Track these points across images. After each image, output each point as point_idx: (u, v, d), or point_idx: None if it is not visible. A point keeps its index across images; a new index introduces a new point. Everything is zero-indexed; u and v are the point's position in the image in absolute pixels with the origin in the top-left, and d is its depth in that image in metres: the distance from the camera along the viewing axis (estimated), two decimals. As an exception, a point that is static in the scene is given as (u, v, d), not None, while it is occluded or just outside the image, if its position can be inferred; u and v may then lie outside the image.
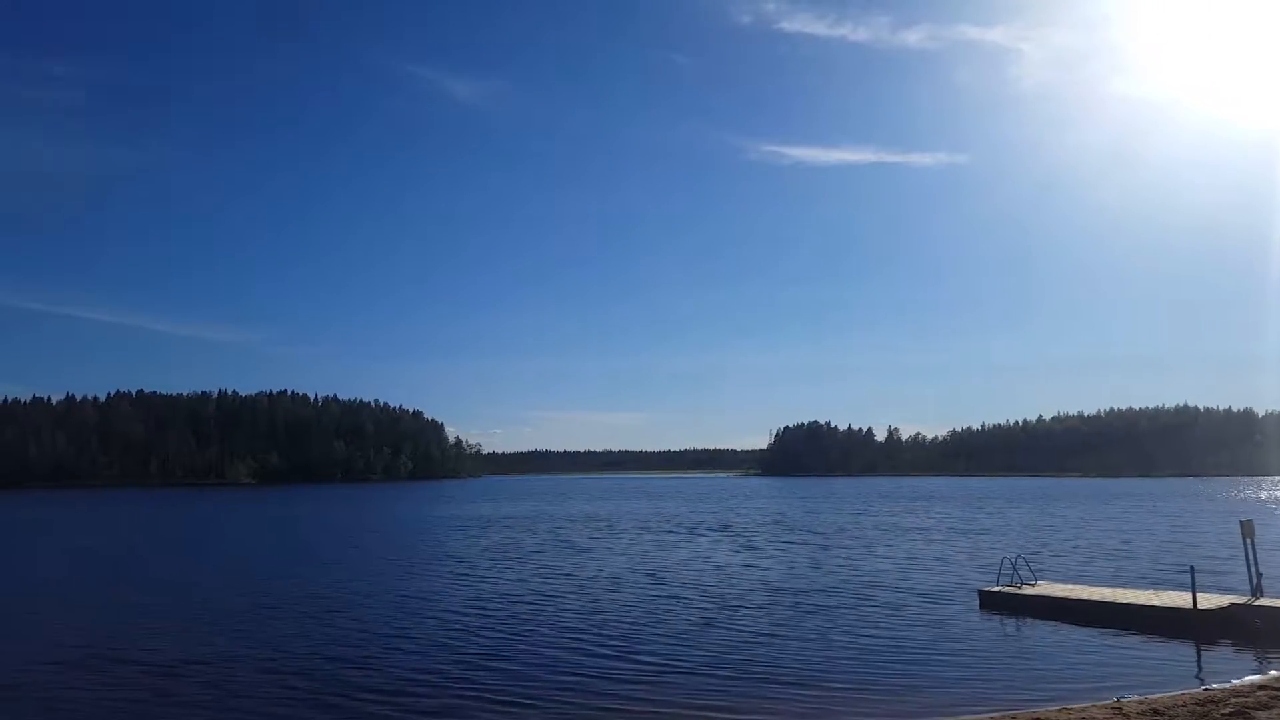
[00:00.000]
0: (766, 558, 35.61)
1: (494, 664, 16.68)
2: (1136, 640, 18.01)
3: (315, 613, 22.80)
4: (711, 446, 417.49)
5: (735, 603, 23.67)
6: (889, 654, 17.14)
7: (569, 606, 23.43)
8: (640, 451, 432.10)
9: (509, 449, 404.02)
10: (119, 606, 24.64)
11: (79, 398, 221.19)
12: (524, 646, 18.27)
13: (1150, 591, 22.02)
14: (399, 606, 23.74)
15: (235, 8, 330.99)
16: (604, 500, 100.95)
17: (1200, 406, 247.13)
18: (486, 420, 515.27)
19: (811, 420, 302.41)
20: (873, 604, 23.15)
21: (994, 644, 18.20)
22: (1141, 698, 13.01)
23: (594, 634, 19.48)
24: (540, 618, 21.71)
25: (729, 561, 34.23)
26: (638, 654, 17.36)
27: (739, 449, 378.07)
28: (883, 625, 20.15)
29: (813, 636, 18.92)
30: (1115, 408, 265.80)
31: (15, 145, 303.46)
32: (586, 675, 15.64)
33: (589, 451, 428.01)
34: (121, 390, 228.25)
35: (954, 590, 25.21)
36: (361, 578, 30.04)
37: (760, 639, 18.83)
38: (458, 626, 20.64)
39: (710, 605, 23.25)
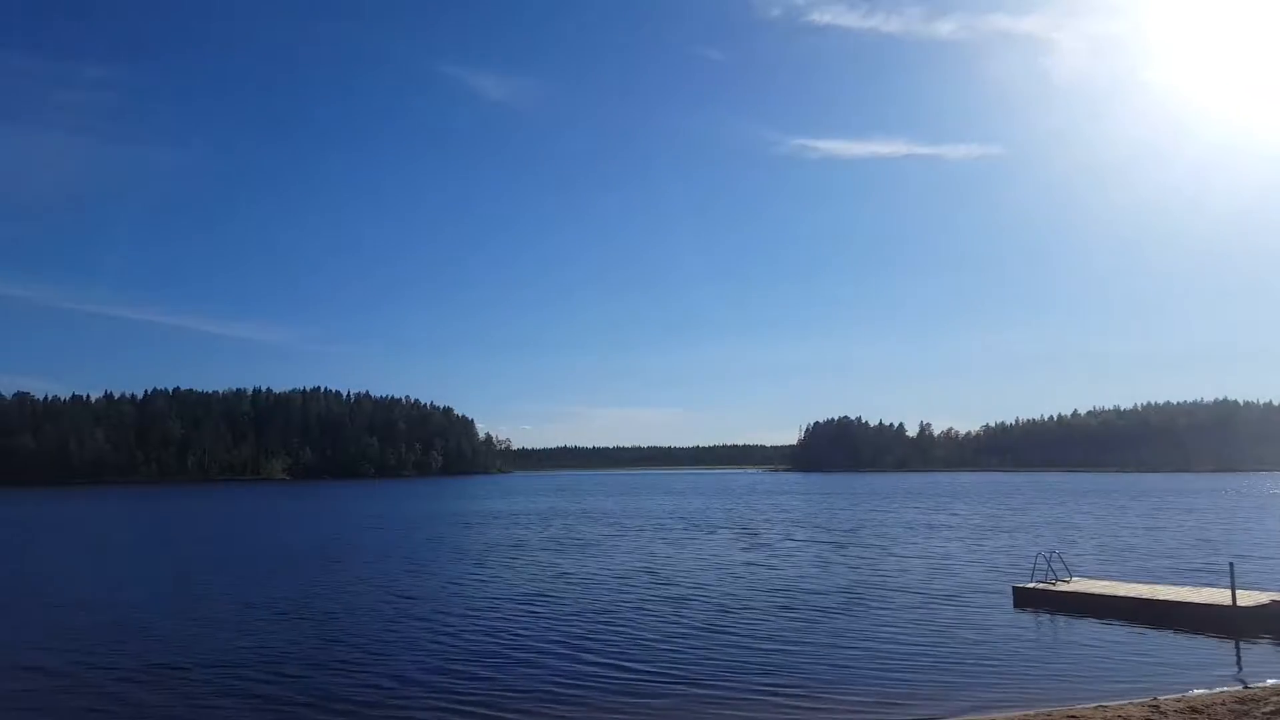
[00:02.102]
0: (792, 555, 35.37)
1: (479, 668, 16.10)
2: (1174, 637, 17.74)
3: (305, 612, 22.37)
4: (742, 442, 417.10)
5: (761, 602, 23.44)
6: (922, 651, 16.98)
7: (567, 608, 22.54)
8: (670, 447, 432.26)
9: (539, 445, 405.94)
10: (114, 605, 24.62)
11: (117, 396, 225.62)
12: (514, 651, 17.47)
13: (1188, 588, 21.65)
14: (393, 605, 23.21)
15: (266, 8, 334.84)
16: (624, 496, 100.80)
17: (1240, 400, 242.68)
18: (516, 416, 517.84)
19: (842, 415, 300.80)
20: (904, 601, 22.96)
21: (1028, 641, 18.01)
22: (1180, 696, 12.81)
23: (601, 638, 18.66)
24: (536, 620, 20.94)
25: (752, 560, 33.86)
26: (644, 660, 16.55)
27: (769, 444, 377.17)
28: (915, 622, 19.97)
29: (843, 634, 18.79)
30: (1152, 402, 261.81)
31: (50, 147, 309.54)
32: (593, 683, 14.96)
33: (618, 447, 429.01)
34: (158, 388, 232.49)
35: (987, 587, 24.96)
36: (362, 574, 29.90)
37: (789, 638, 18.76)
38: (447, 628, 19.95)
39: (731, 605, 22.94)
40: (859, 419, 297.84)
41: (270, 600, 24.47)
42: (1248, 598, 18.81)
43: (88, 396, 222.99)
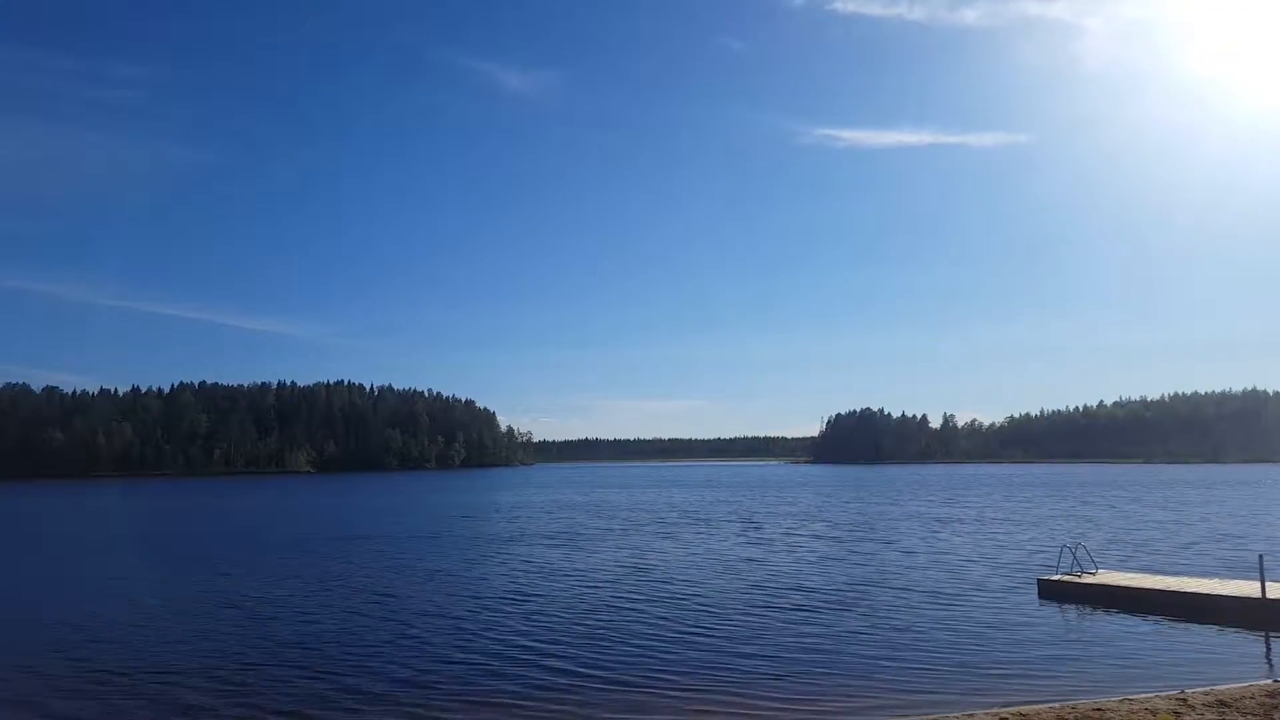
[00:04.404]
0: (807, 552, 35.16)
1: (474, 669, 15.60)
2: (1202, 630, 17.54)
3: (295, 610, 21.98)
4: (764, 434, 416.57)
5: (779, 600, 23.32)
6: (948, 642, 16.91)
7: (563, 607, 21.76)
8: (691, 439, 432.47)
9: (561, 437, 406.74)
10: (116, 602, 24.72)
11: (144, 390, 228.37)
12: (512, 651, 16.92)
13: (1217, 580, 21.39)
14: (385, 605, 22.53)
15: (291, 9, 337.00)
16: (637, 489, 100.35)
17: (1270, 391, 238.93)
18: (538, 409, 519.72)
19: (864, 407, 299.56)
20: (929, 593, 22.83)
21: (1054, 633, 17.86)
22: (1208, 689, 12.64)
23: (601, 637, 18.38)
24: (531, 619, 20.18)
25: (764, 557, 33.61)
26: (646, 659, 16.10)
27: (791, 436, 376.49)
28: (941, 614, 19.87)
29: (867, 629, 18.70)
30: (1180, 392, 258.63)
31: (80, 145, 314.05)
32: (594, 684, 14.76)
33: (639, 439, 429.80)
34: (184, 382, 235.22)
35: (1012, 579, 24.78)
36: (364, 571, 29.57)
37: (809, 634, 18.68)
38: (443, 628, 19.41)
39: (741, 604, 22.81)
40: (881, 410, 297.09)
41: (261, 597, 24.12)
42: (1278, 590, 18.53)
43: (115, 390, 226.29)
